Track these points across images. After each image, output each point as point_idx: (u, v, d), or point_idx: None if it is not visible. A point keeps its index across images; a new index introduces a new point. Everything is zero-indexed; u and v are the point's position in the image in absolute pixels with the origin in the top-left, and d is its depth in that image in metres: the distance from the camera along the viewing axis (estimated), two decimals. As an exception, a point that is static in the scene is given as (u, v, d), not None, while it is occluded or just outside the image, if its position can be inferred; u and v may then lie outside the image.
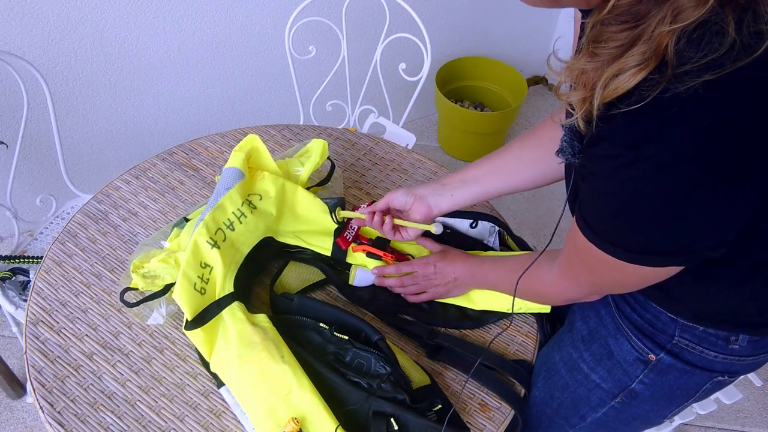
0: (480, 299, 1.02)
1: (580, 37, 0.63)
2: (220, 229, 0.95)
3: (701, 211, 0.56)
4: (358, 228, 1.07)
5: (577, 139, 0.65)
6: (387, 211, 1.01)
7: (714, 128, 0.52)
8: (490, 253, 1.08)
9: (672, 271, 0.65)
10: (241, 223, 0.97)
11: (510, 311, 1.00)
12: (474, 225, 1.11)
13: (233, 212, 0.97)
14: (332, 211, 1.05)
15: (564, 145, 0.66)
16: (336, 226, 1.05)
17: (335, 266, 1.06)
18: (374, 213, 1.00)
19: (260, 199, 1.02)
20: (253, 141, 1.05)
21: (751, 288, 0.72)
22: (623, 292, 0.80)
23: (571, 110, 0.61)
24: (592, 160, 0.61)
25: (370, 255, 1.04)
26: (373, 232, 1.08)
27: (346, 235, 1.05)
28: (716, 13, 0.50)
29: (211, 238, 0.92)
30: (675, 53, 0.51)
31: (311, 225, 1.07)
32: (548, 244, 0.83)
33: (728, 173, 0.53)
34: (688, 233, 0.58)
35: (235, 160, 1.01)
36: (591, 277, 0.73)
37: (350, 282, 1.04)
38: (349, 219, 1.07)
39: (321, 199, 1.07)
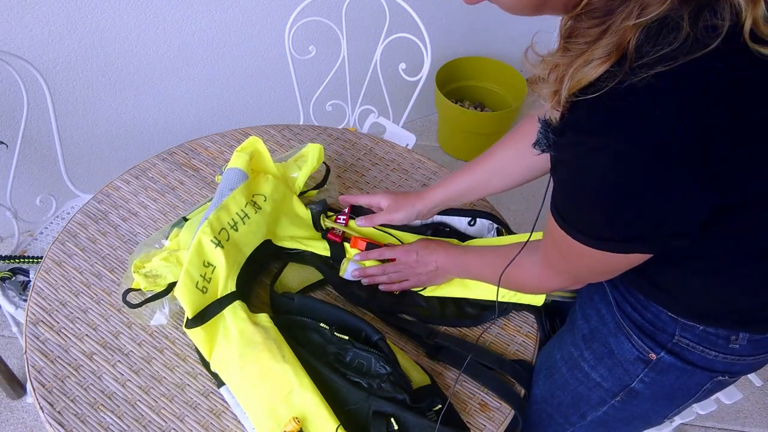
0: (476, 286, 1.02)
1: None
2: (224, 228, 0.95)
3: (656, 198, 0.57)
4: (346, 221, 1.08)
5: (551, 131, 0.67)
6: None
7: (665, 118, 0.53)
8: (476, 241, 1.09)
9: (641, 258, 0.66)
10: (244, 224, 0.98)
11: (504, 300, 1.01)
12: (472, 223, 1.12)
13: (237, 213, 0.97)
14: (316, 220, 1.07)
15: (540, 137, 0.69)
16: (320, 230, 1.07)
17: (334, 266, 1.07)
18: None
19: (264, 200, 1.02)
20: (255, 143, 1.05)
21: (748, 283, 0.72)
22: (601, 280, 0.83)
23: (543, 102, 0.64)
24: (559, 149, 0.64)
25: (370, 247, 1.04)
26: (360, 229, 1.09)
27: (335, 230, 1.07)
28: (675, 9, 0.52)
29: (215, 237, 0.92)
30: (635, 47, 0.53)
31: (308, 230, 1.07)
32: (531, 235, 0.85)
33: (681, 162, 0.55)
34: (646, 221, 0.60)
35: (239, 161, 1.01)
36: (567, 265, 0.75)
37: (340, 274, 1.04)
38: (336, 216, 1.09)
39: (306, 205, 1.09)
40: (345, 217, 1.08)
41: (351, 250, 1.05)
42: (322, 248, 1.05)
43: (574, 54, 0.57)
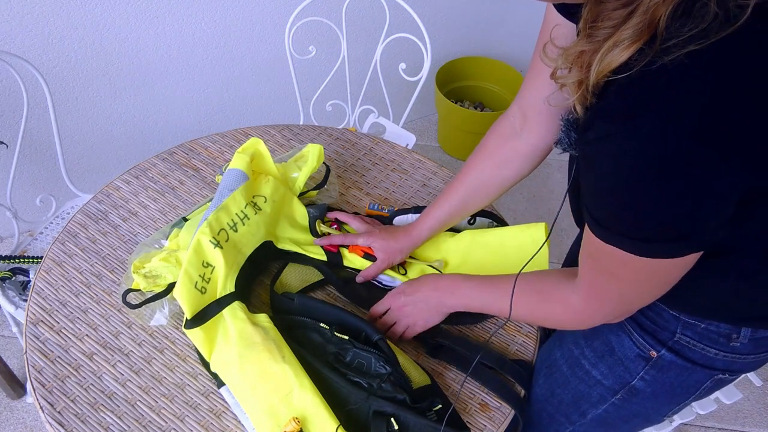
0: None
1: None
2: (223, 229, 0.95)
3: (695, 182, 0.55)
4: (339, 227, 1.09)
5: (573, 129, 0.65)
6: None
7: (699, 96, 0.52)
8: (469, 232, 1.08)
9: (691, 260, 0.62)
10: (243, 224, 0.98)
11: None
12: (472, 221, 1.12)
13: (236, 214, 0.97)
14: (312, 224, 1.07)
15: (561, 135, 0.67)
16: (317, 235, 1.07)
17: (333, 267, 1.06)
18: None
19: (264, 202, 1.02)
20: (256, 144, 1.05)
21: (763, 279, 0.71)
22: (652, 299, 0.74)
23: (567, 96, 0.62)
24: (588, 146, 0.61)
25: (366, 256, 1.04)
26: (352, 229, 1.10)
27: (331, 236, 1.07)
28: None
29: (214, 237, 0.92)
30: (664, 27, 0.52)
31: (307, 234, 1.07)
32: (536, 253, 0.83)
33: (716, 142, 0.53)
34: (688, 208, 0.56)
35: (240, 162, 1.01)
36: (617, 288, 0.70)
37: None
38: (332, 222, 1.09)
39: (306, 207, 1.09)
40: (337, 225, 1.09)
41: (349, 256, 1.05)
42: (319, 254, 1.05)
43: (600, 38, 0.56)
